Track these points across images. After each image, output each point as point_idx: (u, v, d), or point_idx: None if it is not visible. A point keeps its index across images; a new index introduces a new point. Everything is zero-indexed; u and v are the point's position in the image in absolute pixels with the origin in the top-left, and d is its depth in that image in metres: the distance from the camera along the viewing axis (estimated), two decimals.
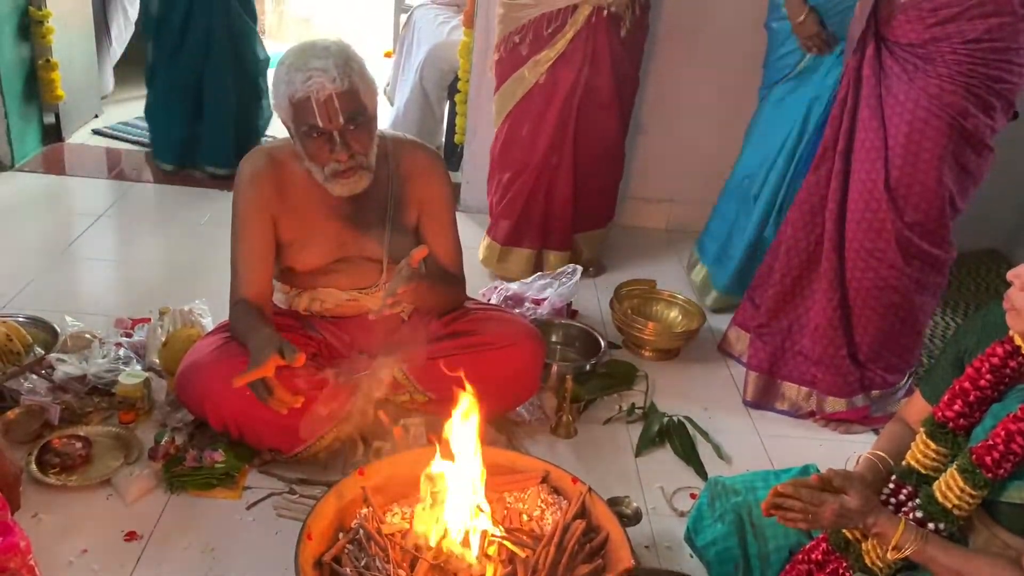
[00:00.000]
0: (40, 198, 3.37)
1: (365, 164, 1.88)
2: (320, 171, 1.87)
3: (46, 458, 1.92)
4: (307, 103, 1.77)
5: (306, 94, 1.76)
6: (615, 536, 1.61)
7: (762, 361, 2.48)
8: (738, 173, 2.88)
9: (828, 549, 1.38)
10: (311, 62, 1.77)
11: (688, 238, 3.18)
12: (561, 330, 2.69)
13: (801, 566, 1.41)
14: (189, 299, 2.47)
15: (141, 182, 3.65)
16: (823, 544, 1.39)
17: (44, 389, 2.11)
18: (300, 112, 1.80)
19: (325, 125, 1.79)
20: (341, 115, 1.79)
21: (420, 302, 2.03)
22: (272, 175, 1.94)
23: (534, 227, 3.01)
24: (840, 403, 2.40)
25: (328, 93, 1.76)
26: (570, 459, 2.14)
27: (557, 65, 2.76)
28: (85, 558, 1.72)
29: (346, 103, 1.79)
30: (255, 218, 1.94)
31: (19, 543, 1.46)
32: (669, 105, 3.35)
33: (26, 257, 2.88)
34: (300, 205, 1.96)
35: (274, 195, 1.94)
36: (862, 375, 2.39)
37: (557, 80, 2.78)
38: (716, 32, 3.18)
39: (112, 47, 4.48)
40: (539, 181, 2.93)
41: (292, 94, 1.78)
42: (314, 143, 1.83)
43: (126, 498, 1.86)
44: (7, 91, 3.40)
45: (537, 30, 2.74)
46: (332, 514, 1.62)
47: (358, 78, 1.81)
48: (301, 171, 1.93)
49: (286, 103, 1.81)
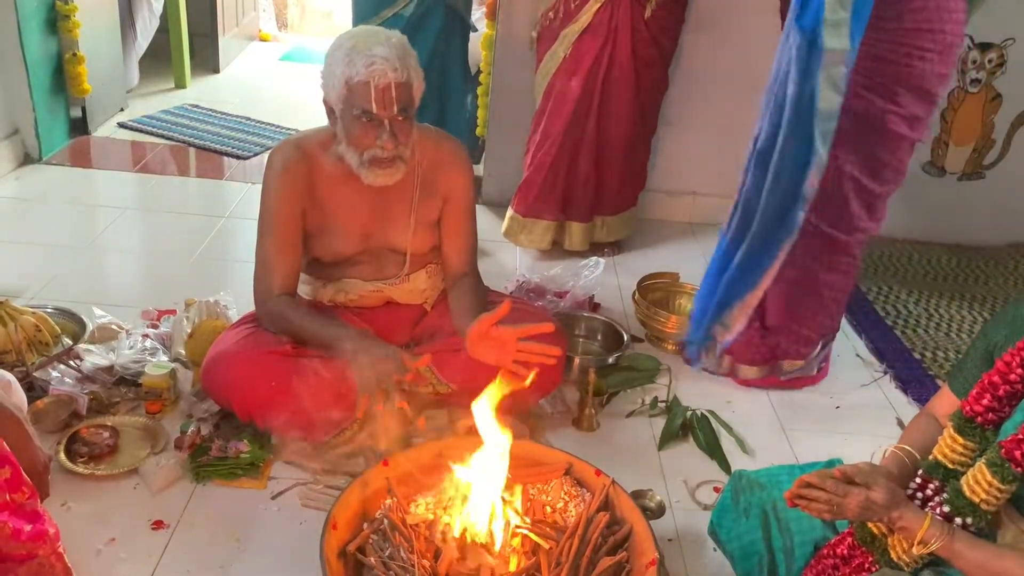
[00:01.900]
0: (67, 191, 3.40)
1: (404, 156, 1.90)
2: (358, 156, 1.88)
3: (74, 447, 1.94)
4: (365, 87, 1.79)
5: (366, 79, 1.79)
6: (639, 529, 1.61)
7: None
8: None
9: (854, 543, 1.37)
10: (375, 48, 1.79)
11: (712, 231, 3.15)
12: (583, 323, 2.68)
13: (827, 560, 1.41)
14: (214, 291, 2.49)
15: (166, 175, 3.68)
16: (849, 538, 1.38)
17: (72, 379, 2.13)
18: (356, 95, 1.81)
19: (379, 111, 1.81)
20: (395, 104, 1.81)
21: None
22: (302, 166, 1.96)
23: (556, 199, 3.06)
24: (752, 370, 2.48)
25: (388, 81, 1.79)
26: (593, 452, 2.12)
27: (582, 38, 2.84)
28: (113, 546, 1.74)
29: (401, 94, 1.82)
30: (285, 209, 1.96)
31: (48, 530, 1.48)
32: (693, 97, 3.33)
33: (54, 249, 2.92)
34: (327, 196, 1.97)
35: (304, 186, 1.96)
36: (773, 345, 2.44)
37: (581, 53, 2.86)
38: (742, 23, 3.16)
39: (137, 41, 4.51)
40: (561, 152, 2.98)
41: (351, 76, 1.80)
42: (362, 127, 1.85)
43: (152, 487, 1.88)
44: (35, 85, 3.43)
45: (567, 4, 2.84)
46: (357, 504, 1.63)
47: (414, 72, 1.84)
48: (329, 162, 1.95)
49: (341, 83, 1.82)
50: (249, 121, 4.33)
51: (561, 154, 2.99)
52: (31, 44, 3.38)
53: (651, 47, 2.90)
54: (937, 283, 3.28)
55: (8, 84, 3.36)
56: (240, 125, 4.26)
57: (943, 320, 3.03)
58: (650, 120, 3.12)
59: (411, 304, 2.16)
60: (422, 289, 2.15)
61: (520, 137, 3.17)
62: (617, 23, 2.81)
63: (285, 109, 4.45)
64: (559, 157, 3.00)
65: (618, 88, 2.92)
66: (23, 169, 3.49)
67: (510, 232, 3.15)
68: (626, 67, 2.88)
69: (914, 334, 2.91)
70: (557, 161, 3.00)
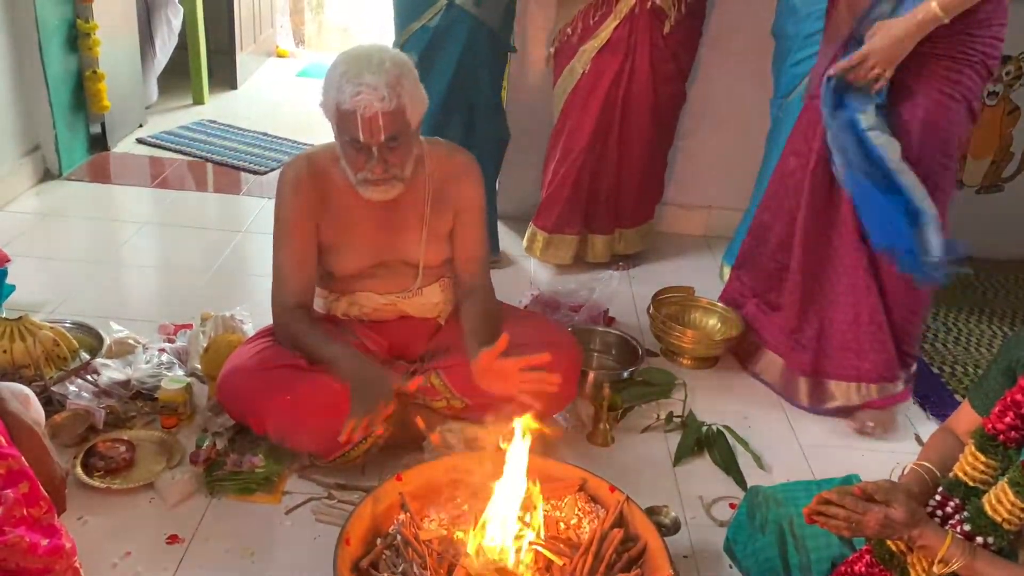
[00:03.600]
0: (87, 206, 3.44)
1: (399, 176, 1.90)
2: (353, 175, 1.91)
3: (91, 461, 1.95)
4: (352, 116, 1.79)
5: (353, 107, 1.78)
6: (653, 545, 1.60)
7: (805, 364, 2.44)
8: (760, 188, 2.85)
9: (872, 561, 1.35)
10: (364, 76, 1.77)
11: (726, 245, 3.15)
12: (598, 337, 2.68)
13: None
14: (231, 305, 2.51)
15: (184, 190, 3.72)
16: (867, 556, 1.36)
17: (90, 393, 2.15)
18: (344, 122, 1.82)
19: (366, 140, 1.82)
20: (383, 133, 1.81)
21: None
22: (314, 180, 1.97)
23: (579, 213, 3.07)
24: (890, 388, 2.38)
25: (374, 112, 1.78)
26: (607, 467, 2.12)
27: (601, 54, 2.85)
28: (128, 560, 1.75)
29: (390, 122, 1.80)
30: (299, 223, 1.97)
31: (65, 545, 1.49)
32: (708, 111, 3.33)
33: (73, 264, 2.95)
34: (339, 210, 1.99)
35: (316, 200, 1.97)
36: (900, 356, 2.38)
37: (601, 69, 2.86)
38: (756, 37, 3.15)
39: (156, 58, 4.55)
40: (583, 167, 2.99)
41: (340, 103, 1.80)
42: (352, 151, 1.86)
43: (168, 501, 1.89)
44: (55, 102, 3.48)
45: (585, 20, 2.84)
46: (370, 519, 1.63)
47: (407, 97, 1.82)
48: (340, 176, 1.96)
49: (333, 108, 1.83)
50: (266, 137, 4.36)
51: (583, 169, 3.00)
52: (52, 61, 3.42)
53: (669, 63, 2.90)
54: (956, 296, 3.25)
55: (29, 101, 3.40)
56: (257, 141, 4.30)
57: (962, 334, 3.00)
58: (667, 134, 3.13)
59: (425, 318, 2.16)
60: (435, 303, 2.15)
61: (535, 152, 3.18)
62: (636, 40, 2.82)
63: (302, 125, 4.48)
64: (581, 172, 3.01)
65: (637, 103, 2.92)
66: (43, 185, 3.53)
67: (533, 248, 3.16)
68: (645, 83, 2.89)
69: (932, 348, 2.88)
70: (579, 176, 3.01)
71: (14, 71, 3.30)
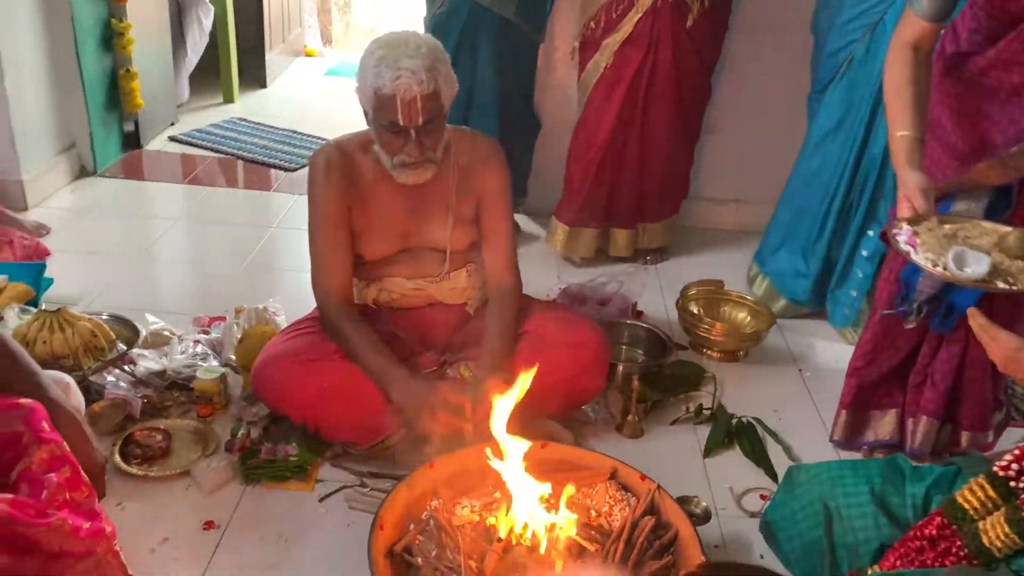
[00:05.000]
0: (121, 203, 3.50)
1: (433, 158, 1.93)
2: (389, 159, 1.93)
3: (129, 449, 1.99)
4: (392, 100, 1.82)
5: (392, 91, 1.81)
6: (685, 533, 1.60)
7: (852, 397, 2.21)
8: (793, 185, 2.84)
9: (943, 523, 1.29)
10: (402, 60, 1.81)
11: (757, 239, 3.14)
12: (627, 330, 2.68)
13: (912, 543, 1.32)
14: (263, 298, 2.54)
15: (216, 186, 3.76)
16: (938, 518, 1.31)
17: (127, 383, 2.19)
18: (383, 106, 1.85)
19: (405, 123, 1.85)
20: (421, 116, 1.84)
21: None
22: (343, 165, 2.00)
23: (600, 207, 3.07)
24: (980, 436, 2.13)
25: (414, 95, 1.81)
26: (637, 459, 2.10)
27: (623, 48, 2.84)
28: (166, 546, 1.78)
29: (428, 105, 1.84)
30: (334, 209, 2.00)
31: (106, 528, 1.51)
32: (737, 104, 3.31)
33: (109, 258, 3.00)
34: (368, 196, 2.02)
35: (347, 185, 2.00)
36: (995, 399, 2.14)
37: (623, 63, 2.86)
38: (786, 29, 3.14)
39: (188, 56, 4.61)
40: (604, 161, 2.99)
41: (379, 87, 1.83)
42: (389, 134, 1.89)
43: (204, 489, 1.92)
44: (91, 101, 3.54)
45: (608, 13, 2.84)
46: (403, 505, 1.64)
47: (443, 81, 1.86)
48: (368, 162, 1.99)
49: (371, 93, 1.86)
50: (295, 134, 4.40)
51: (604, 163, 3.00)
52: (87, 61, 3.48)
53: (693, 56, 2.89)
54: None
55: (65, 100, 3.46)
56: (286, 138, 4.34)
57: None
58: (692, 129, 3.12)
59: (453, 305, 2.18)
60: (463, 288, 2.17)
61: (560, 146, 3.18)
62: (658, 33, 2.81)
63: (330, 122, 4.51)
64: (602, 167, 3.00)
65: (660, 97, 2.92)
66: (79, 182, 3.59)
67: (554, 242, 3.16)
68: (668, 76, 2.88)
69: None
70: (601, 171, 3.01)
71: (51, 71, 3.36)
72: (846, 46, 2.55)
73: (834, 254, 2.76)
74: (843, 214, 2.70)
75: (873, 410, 2.19)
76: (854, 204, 2.67)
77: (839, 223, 2.72)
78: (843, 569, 1.44)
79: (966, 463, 1.45)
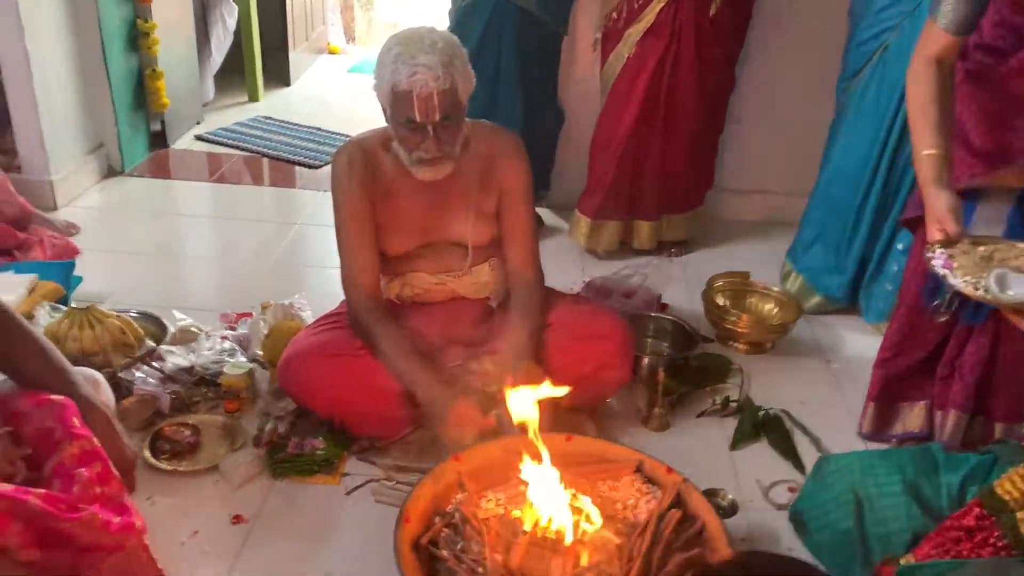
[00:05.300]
0: (148, 201, 3.53)
1: (451, 154, 1.93)
2: (407, 156, 1.93)
3: (158, 444, 2.02)
4: (408, 96, 1.83)
5: (409, 88, 1.82)
6: (712, 526, 1.59)
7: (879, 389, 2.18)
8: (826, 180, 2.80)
9: (982, 514, 1.29)
10: (419, 57, 1.81)
11: (783, 230, 3.10)
12: (652, 323, 2.66)
13: (949, 532, 1.32)
14: (289, 294, 2.56)
15: (241, 184, 3.80)
16: (976, 508, 1.30)
17: (155, 379, 2.21)
18: (400, 102, 1.85)
19: (422, 119, 1.85)
20: (438, 112, 1.84)
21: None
22: (366, 163, 2.01)
23: (623, 199, 3.05)
24: (1015, 428, 2.06)
25: (430, 91, 1.81)
26: (663, 452, 2.10)
27: (645, 38, 2.83)
28: (196, 539, 1.80)
29: (444, 101, 1.84)
30: (359, 207, 2.01)
31: (136, 523, 1.53)
32: (762, 94, 3.28)
33: (137, 256, 3.04)
34: (390, 192, 2.03)
35: (370, 182, 2.01)
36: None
37: (645, 53, 2.84)
38: (811, 17, 3.11)
39: (212, 56, 4.65)
40: (627, 153, 2.97)
41: (396, 84, 1.83)
42: (406, 131, 1.89)
43: (232, 483, 1.94)
44: (117, 101, 3.58)
45: (630, 3, 2.82)
46: (429, 498, 1.65)
47: (459, 76, 1.86)
48: (389, 159, 2.00)
49: (388, 89, 1.86)
50: (319, 132, 4.42)
51: (627, 155, 2.97)
52: (114, 61, 3.52)
53: (716, 46, 2.86)
54: None
55: (93, 101, 3.50)
56: (311, 136, 4.36)
57: None
58: (716, 120, 3.10)
59: (476, 299, 2.18)
60: (485, 282, 2.17)
61: (583, 138, 3.17)
62: (680, 23, 2.78)
63: (353, 119, 4.52)
64: (625, 158, 2.98)
65: (683, 88, 2.89)
66: (107, 181, 3.63)
67: (577, 235, 3.14)
68: (691, 67, 2.85)
69: None
70: (623, 162, 2.98)
71: (78, 72, 3.40)
72: (879, 34, 2.50)
73: (869, 249, 2.71)
74: (879, 208, 2.65)
75: (901, 402, 2.16)
76: (890, 197, 2.62)
77: (875, 217, 2.66)
78: (875, 559, 1.43)
79: (1003, 452, 1.43)
